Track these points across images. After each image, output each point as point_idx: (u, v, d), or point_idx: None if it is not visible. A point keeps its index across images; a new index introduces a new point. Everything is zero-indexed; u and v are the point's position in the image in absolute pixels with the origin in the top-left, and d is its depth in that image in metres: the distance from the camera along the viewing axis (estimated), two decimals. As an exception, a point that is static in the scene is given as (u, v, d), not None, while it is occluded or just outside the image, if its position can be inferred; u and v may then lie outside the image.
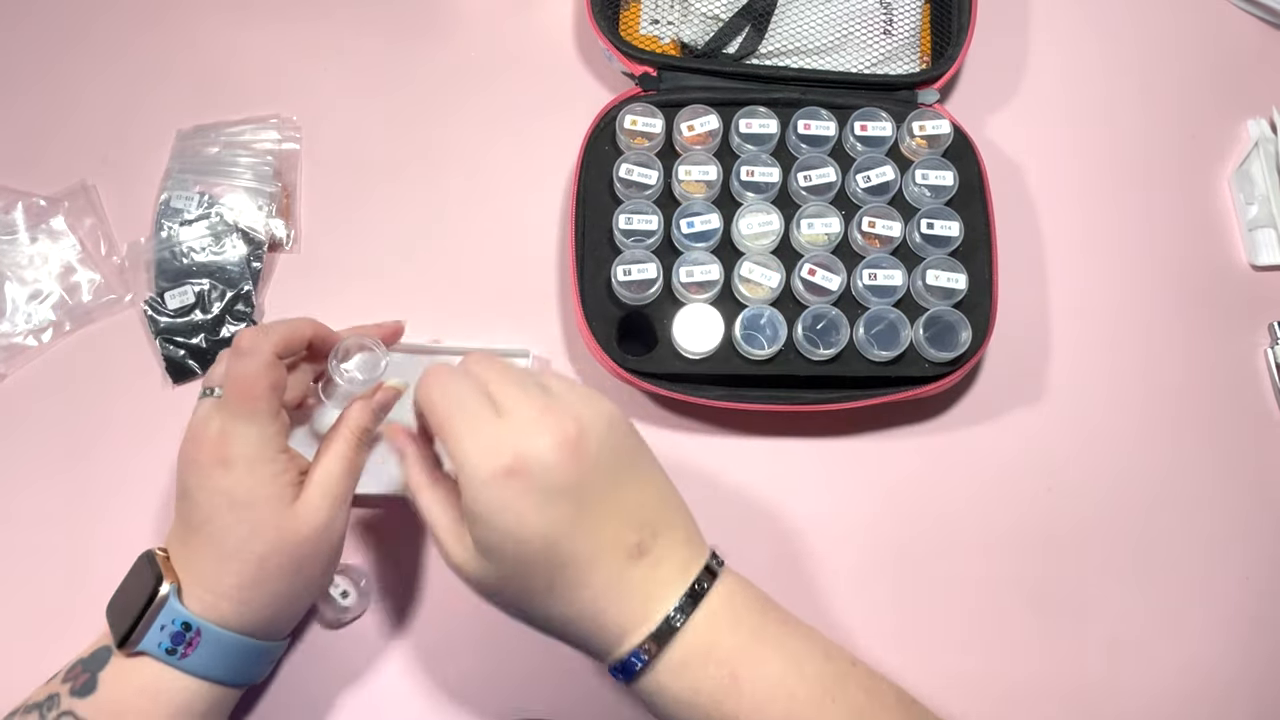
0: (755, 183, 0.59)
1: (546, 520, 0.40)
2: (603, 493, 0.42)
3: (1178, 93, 0.69)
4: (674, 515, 0.45)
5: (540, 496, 0.40)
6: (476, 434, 0.41)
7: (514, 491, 0.40)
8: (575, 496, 0.41)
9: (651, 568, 0.42)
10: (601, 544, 0.42)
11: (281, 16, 0.68)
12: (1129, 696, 0.56)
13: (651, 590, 0.42)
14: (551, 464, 0.40)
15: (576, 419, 0.41)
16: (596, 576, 0.42)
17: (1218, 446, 0.61)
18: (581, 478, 0.41)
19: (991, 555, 0.58)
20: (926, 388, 0.57)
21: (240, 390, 0.46)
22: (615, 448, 0.43)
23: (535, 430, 0.41)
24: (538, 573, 0.41)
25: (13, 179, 0.62)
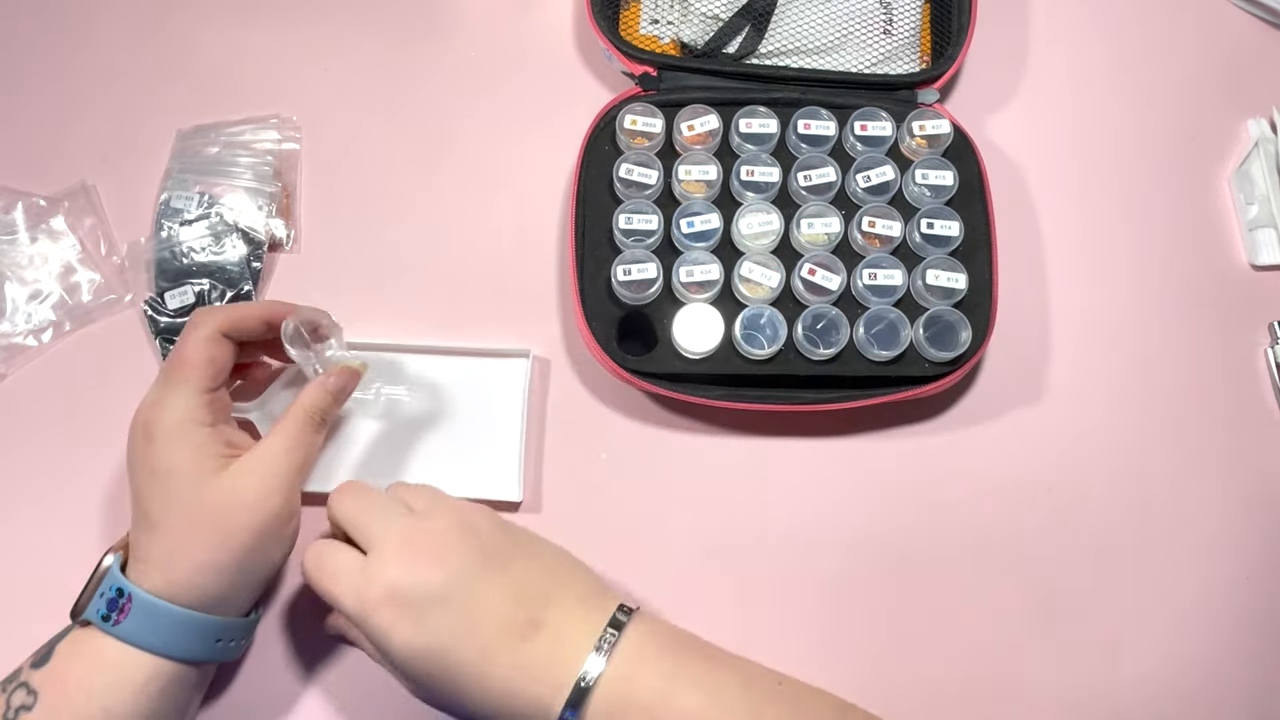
0: (755, 182, 0.59)
1: (429, 633, 0.43)
2: (476, 588, 0.44)
3: (1178, 93, 0.69)
4: (565, 579, 0.47)
5: (416, 613, 0.43)
6: (348, 583, 0.45)
7: (391, 616, 0.43)
8: (449, 603, 0.43)
9: (552, 637, 0.44)
10: (491, 635, 0.43)
11: (282, 17, 0.68)
12: (1129, 697, 0.56)
13: (559, 658, 0.43)
14: (416, 582, 0.43)
15: (432, 532, 0.45)
16: (499, 666, 0.43)
17: (1218, 446, 0.61)
18: (448, 584, 0.44)
19: (991, 555, 0.58)
20: (926, 388, 0.57)
21: (179, 361, 0.48)
22: (480, 544, 0.45)
23: (396, 558, 0.44)
24: (444, 679, 0.44)
25: (13, 179, 0.62)
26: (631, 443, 0.59)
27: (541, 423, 0.59)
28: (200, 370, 0.48)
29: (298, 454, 0.49)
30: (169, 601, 0.45)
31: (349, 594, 0.44)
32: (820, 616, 0.57)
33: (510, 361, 0.60)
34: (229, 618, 0.48)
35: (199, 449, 0.47)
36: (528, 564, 0.46)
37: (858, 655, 0.56)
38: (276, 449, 0.49)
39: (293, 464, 0.49)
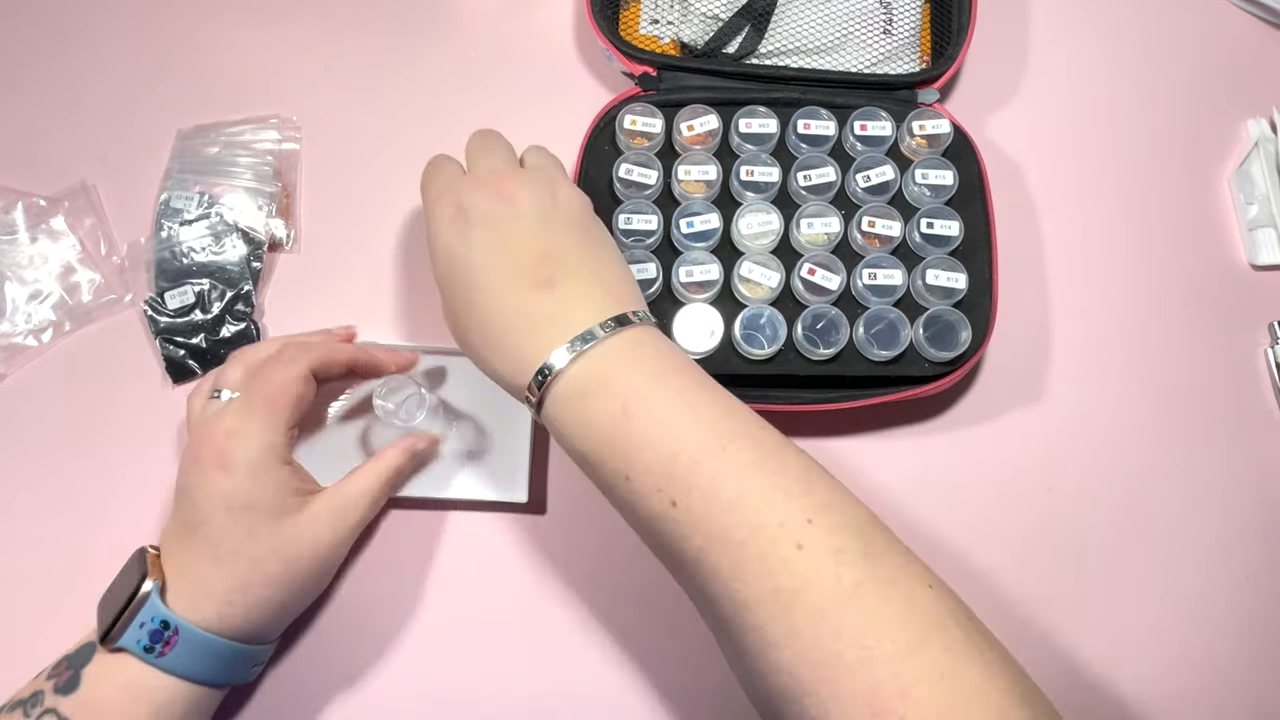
0: (755, 182, 0.59)
1: (465, 245, 0.46)
2: (523, 233, 0.46)
3: (1178, 93, 0.69)
4: (604, 270, 0.47)
5: (465, 224, 0.46)
6: (442, 179, 0.50)
7: (449, 215, 0.47)
8: (492, 230, 0.46)
9: (558, 302, 0.44)
10: (510, 272, 0.45)
11: (281, 16, 0.68)
12: (1129, 697, 0.56)
13: (557, 324, 0.44)
14: (479, 201, 0.47)
15: (520, 175, 0.49)
16: (504, 301, 0.45)
17: (1218, 446, 0.61)
18: (501, 217, 0.46)
19: (991, 555, 0.58)
20: (926, 388, 0.57)
21: (268, 395, 0.48)
22: (550, 206, 0.47)
23: (475, 179, 0.48)
24: (457, 291, 0.46)
25: (13, 179, 0.62)
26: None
27: (542, 423, 0.59)
28: (288, 408, 0.48)
29: (369, 509, 0.51)
30: (218, 634, 0.46)
31: (434, 186, 0.49)
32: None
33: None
34: (266, 645, 0.49)
35: (280, 486, 0.47)
36: (573, 236, 0.47)
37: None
38: (356, 497, 0.50)
39: (367, 514, 0.51)
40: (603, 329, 0.43)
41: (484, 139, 0.52)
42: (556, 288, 0.45)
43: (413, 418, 0.54)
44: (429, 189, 0.50)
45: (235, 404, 0.48)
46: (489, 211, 0.46)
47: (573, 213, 0.48)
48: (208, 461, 0.46)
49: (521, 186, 0.47)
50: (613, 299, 0.45)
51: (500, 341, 0.45)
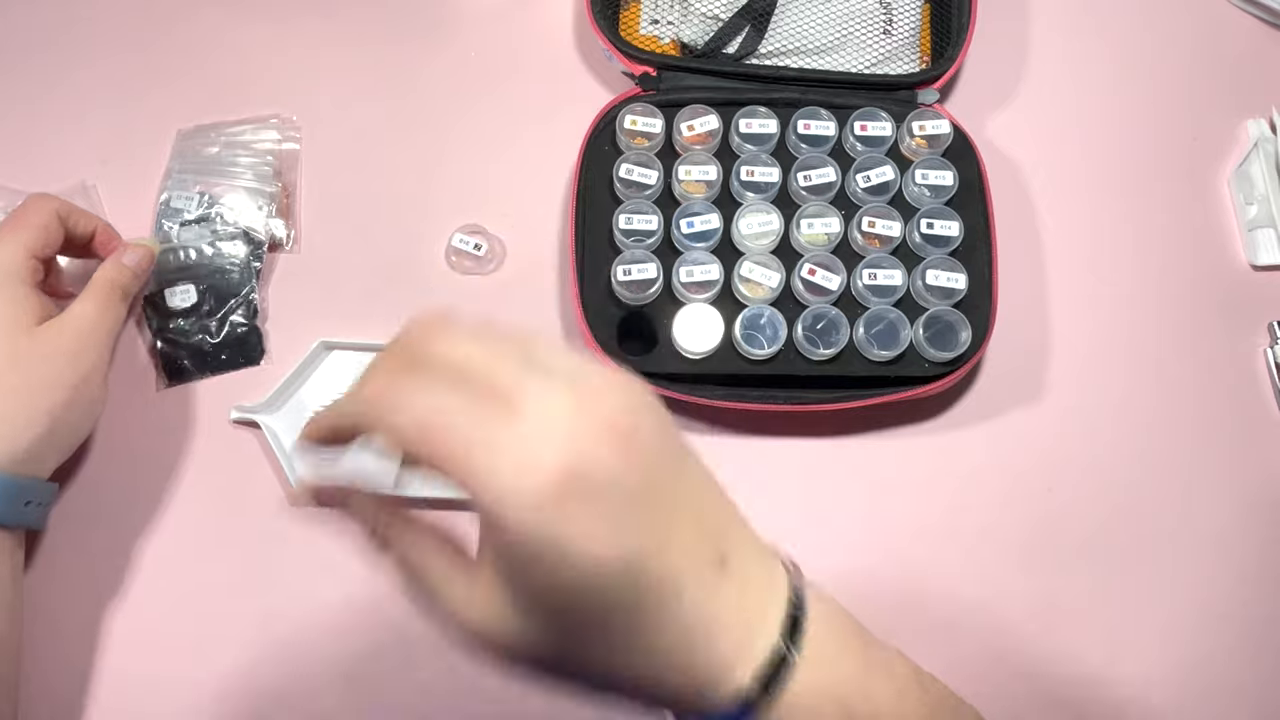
0: (755, 183, 0.59)
1: (629, 536, 0.30)
2: (671, 492, 0.31)
3: (1178, 93, 0.69)
4: (738, 514, 0.35)
5: (612, 508, 0.29)
6: (494, 449, 0.28)
7: (577, 510, 0.28)
8: (649, 500, 0.30)
9: (741, 585, 0.33)
10: (686, 556, 0.31)
11: (282, 16, 0.68)
12: (1128, 697, 0.56)
13: (747, 613, 0.33)
14: (615, 464, 0.29)
15: (616, 403, 0.30)
16: (685, 601, 0.31)
17: (1218, 446, 0.61)
18: (648, 476, 0.30)
19: (991, 555, 0.58)
20: (926, 388, 0.57)
21: (11, 217, 0.52)
22: (665, 434, 0.32)
23: (576, 424, 0.29)
24: (616, 612, 0.30)
25: (13, 179, 0.62)
26: (631, 443, 0.59)
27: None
28: (34, 231, 0.51)
29: (108, 319, 0.52)
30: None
31: (499, 465, 0.28)
32: (820, 616, 0.57)
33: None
34: (35, 479, 0.50)
35: (18, 302, 0.49)
36: (703, 480, 0.34)
37: (858, 655, 0.56)
38: (89, 311, 0.51)
39: (104, 327, 0.52)
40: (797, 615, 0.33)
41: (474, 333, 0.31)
42: (731, 566, 0.33)
43: None
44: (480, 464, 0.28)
45: None
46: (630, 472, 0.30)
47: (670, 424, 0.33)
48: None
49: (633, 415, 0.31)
50: (767, 556, 0.35)
51: (679, 659, 0.32)
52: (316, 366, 0.59)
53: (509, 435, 0.28)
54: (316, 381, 0.59)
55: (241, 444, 0.58)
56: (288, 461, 0.57)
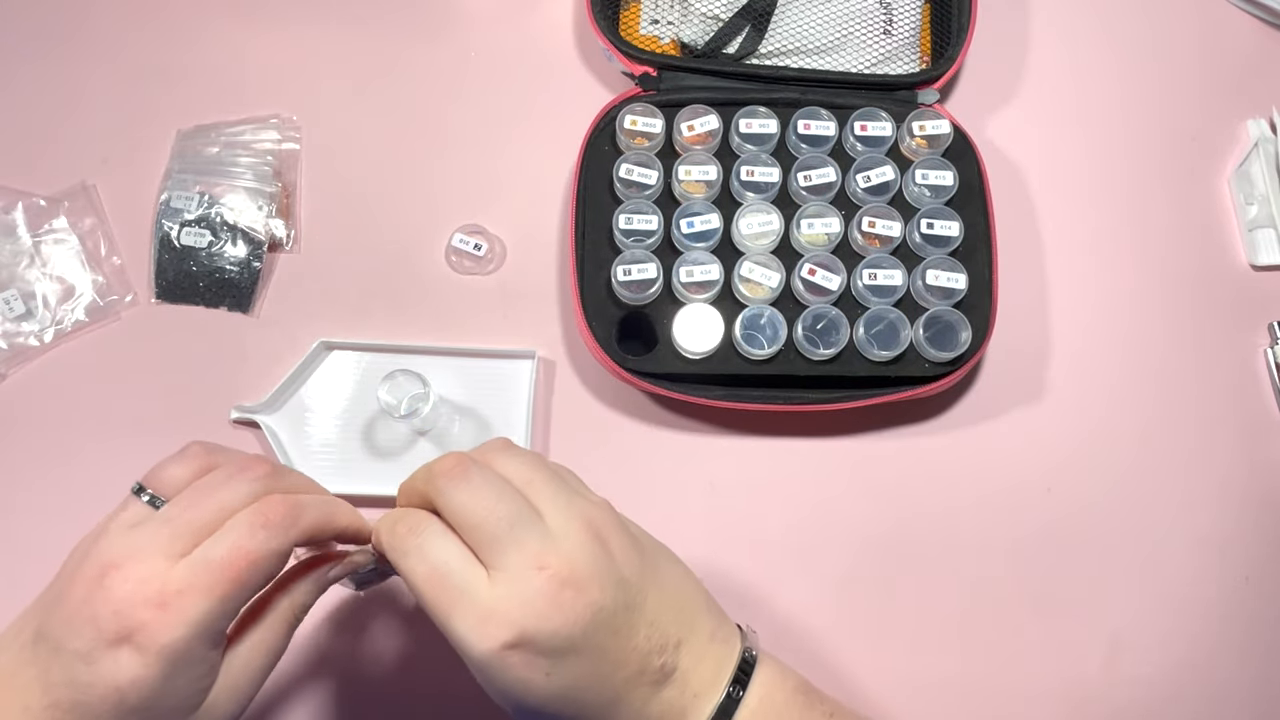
0: (755, 183, 0.59)
1: (557, 684, 0.37)
2: (613, 634, 0.38)
3: (1178, 93, 0.69)
4: (695, 613, 0.42)
5: (548, 662, 0.37)
6: (466, 610, 0.36)
7: (518, 664, 0.36)
8: (586, 648, 0.37)
9: (679, 688, 0.39)
10: (622, 683, 0.38)
11: (282, 16, 0.68)
12: (1128, 697, 0.56)
13: (685, 710, 0.39)
14: (555, 629, 0.36)
15: (569, 562, 0.37)
16: (625, 712, 0.39)
17: (1217, 446, 0.61)
18: (586, 633, 0.37)
19: (991, 555, 0.58)
20: (926, 388, 0.57)
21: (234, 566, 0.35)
22: (615, 574, 0.38)
23: (530, 593, 0.36)
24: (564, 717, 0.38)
25: (13, 179, 0.62)
26: (631, 443, 0.59)
27: (546, 424, 0.59)
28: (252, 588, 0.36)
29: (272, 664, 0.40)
30: None
31: (466, 625, 0.36)
32: (820, 615, 0.57)
33: (516, 363, 0.60)
34: None
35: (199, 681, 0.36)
36: (659, 596, 0.40)
37: (858, 653, 0.56)
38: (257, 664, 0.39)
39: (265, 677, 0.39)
40: (729, 705, 0.40)
41: (473, 491, 0.38)
42: (673, 673, 0.39)
43: (417, 413, 0.54)
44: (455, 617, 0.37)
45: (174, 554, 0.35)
46: (562, 637, 0.37)
47: (631, 556, 0.40)
48: (109, 629, 0.33)
49: (579, 577, 0.37)
50: (720, 642, 0.41)
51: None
52: (316, 366, 0.59)
53: (483, 597, 0.36)
54: (316, 381, 0.59)
55: (242, 444, 0.58)
56: (288, 461, 0.57)
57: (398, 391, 0.54)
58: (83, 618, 0.34)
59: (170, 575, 0.35)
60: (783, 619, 0.57)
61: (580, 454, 0.59)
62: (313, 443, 0.58)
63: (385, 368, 0.58)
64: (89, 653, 0.34)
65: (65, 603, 0.35)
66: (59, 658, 0.35)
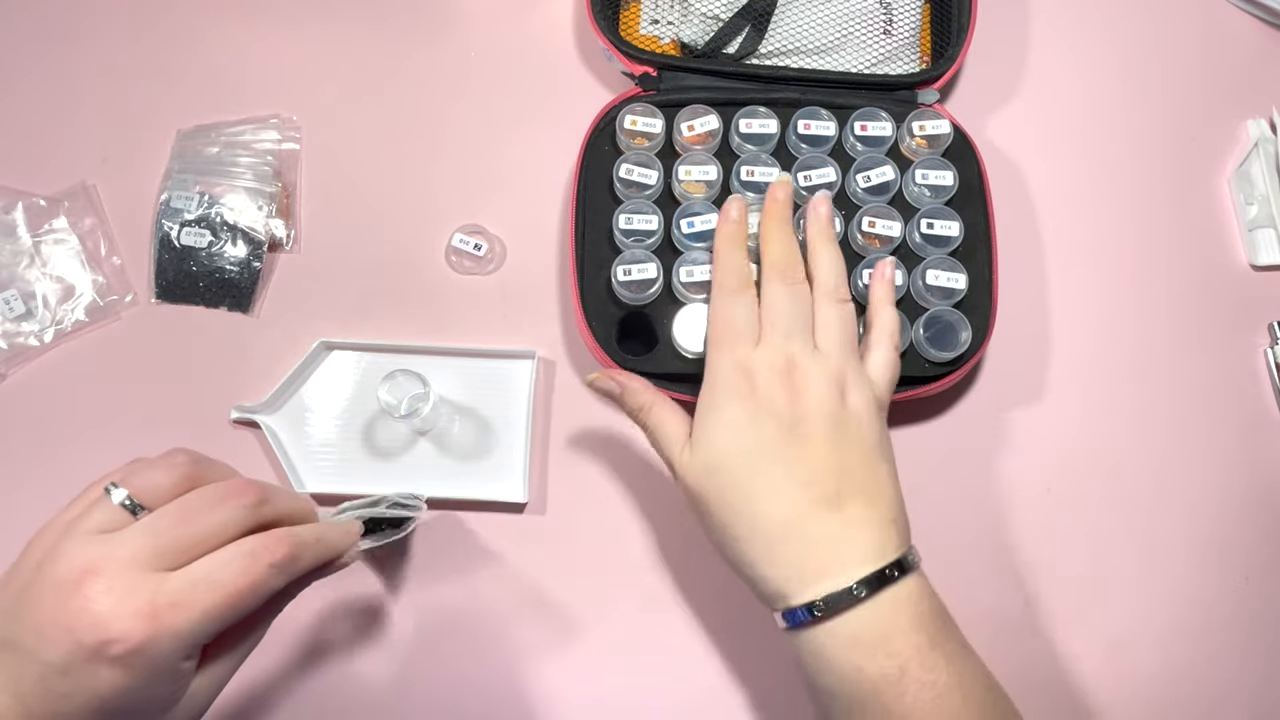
0: (755, 183, 0.59)
1: (753, 429, 0.45)
2: (816, 440, 0.45)
3: (1178, 93, 0.69)
4: (885, 494, 0.46)
5: (755, 406, 0.45)
6: (734, 351, 0.47)
7: (740, 388, 0.46)
8: (786, 428, 0.45)
9: (844, 525, 0.44)
10: (797, 478, 0.44)
11: (282, 17, 0.68)
12: (1128, 697, 0.56)
13: (840, 547, 0.43)
14: (773, 393, 0.46)
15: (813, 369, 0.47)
16: (786, 508, 0.44)
17: (1218, 446, 0.61)
18: (796, 415, 0.45)
19: (991, 555, 0.58)
20: (926, 388, 0.57)
21: (233, 595, 0.35)
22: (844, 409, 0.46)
23: (773, 365, 0.46)
24: (736, 475, 0.45)
25: (13, 179, 0.62)
26: (632, 443, 0.59)
27: (546, 424, 0.59)
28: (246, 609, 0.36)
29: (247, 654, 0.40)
30: None
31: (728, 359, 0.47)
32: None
33: (516, 363, 0.60)
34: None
35: (179, 681, 0.36)
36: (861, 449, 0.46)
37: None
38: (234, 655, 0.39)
39: (233, 672, 0.40)
40: (890, 573, 0.43)
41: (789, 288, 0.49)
42: (844, 509, 0.44)
43: (417, 413, 0.54)
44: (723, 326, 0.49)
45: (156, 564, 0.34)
46: (781, 405, 0.46)
47: (862, 422, 0.47)
48: (89, 640, 0.33)
49: (812, 382, 0.46)
50: (895, 531, 0.45)
51: (772, 550, 0.44)
52: (316, 366, 0.59)
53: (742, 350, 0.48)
54: (316, 381, 0.59)
55: (242, 444, 0.58)
56: (288, 461, 0.57)
57: (398, 391, 0.54)
58: (59, 628, 0.33)
59: (162, 588, 0.34)
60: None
61: (580, 454, 0.59)
62: (313, 443, 0.58)
63: (385, 368, 0.58)
64: (66, 665, 0.33)
65: (35, 610, 0.34)
66: (31, 668, 0.34)
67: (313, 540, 0.39)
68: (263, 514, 0.38)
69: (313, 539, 0.39)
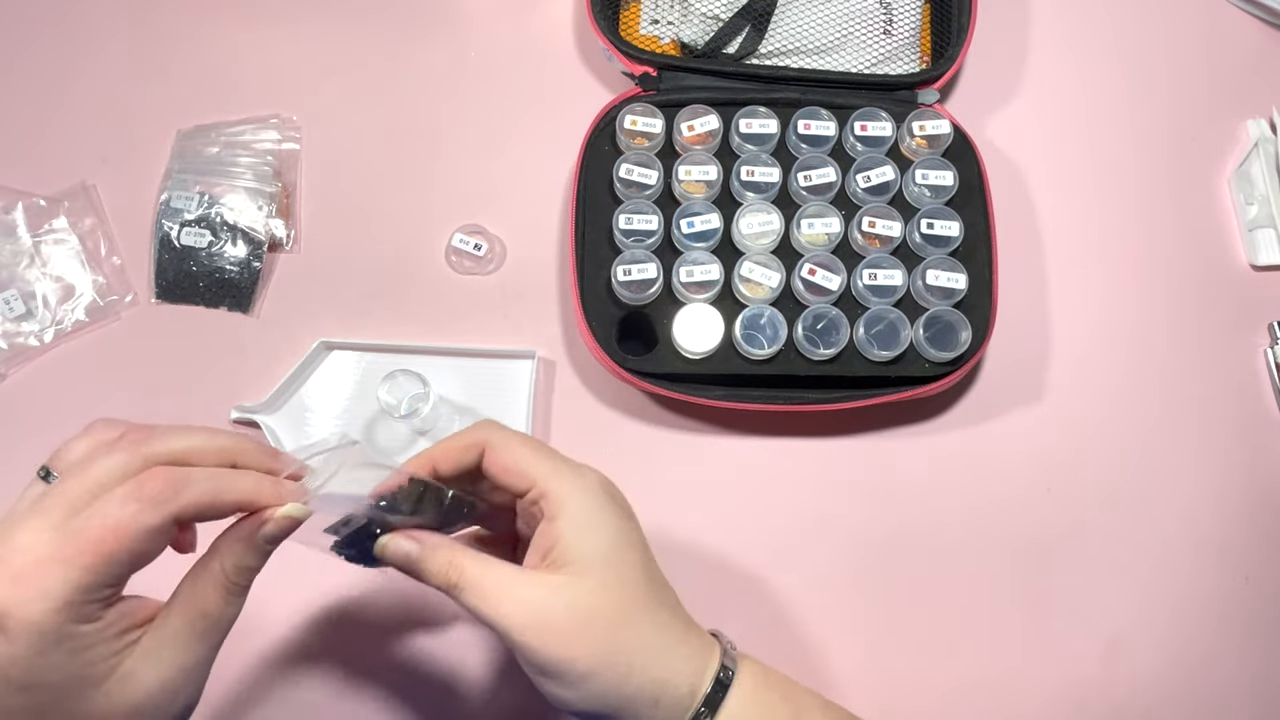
0: (755, 183, 0.59)
1: (637, 529, 0.43)
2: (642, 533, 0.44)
3: (1178, 93, 0.69)
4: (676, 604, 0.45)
5: (626, 511, 0.43)
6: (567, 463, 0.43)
7: (611, 503, 0.42)
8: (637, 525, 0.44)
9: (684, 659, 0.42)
10: (660, 572, 0.43)
11: (282, 17, 0.68)
12: (1128, 697, 0.56)
13: (696, 628, 0.43)
14: (620, 493, 0.44)
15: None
16: (670, 599, 0.43)
17: (1217, 446, 0.61)
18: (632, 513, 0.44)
19: (991, 555, 0.58)
20: (926, 388, 0.57)
21: (96, 538, 0.33)
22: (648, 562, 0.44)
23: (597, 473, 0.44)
24: (639, 577, 0.41)
25: (13, 179, 0.62)
26: (631, 443, 0.59)
27: (546, 424, 0.59)
28: (121, 563, 0.34)
29: (212, 635, 0.37)
30: None
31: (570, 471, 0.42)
32: (820, 615, 0.57)
33: (516, 363, 0.60)
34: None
35: (78, 658, 0.34)
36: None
37: (858, 653, 0.56)
38: (184, 632, 0.37)
39: (205, 650, 0.37)
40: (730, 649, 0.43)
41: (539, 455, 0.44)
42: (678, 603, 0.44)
43: (417, 413, 0.54)
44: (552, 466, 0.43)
45: (43, 528, 0.33)
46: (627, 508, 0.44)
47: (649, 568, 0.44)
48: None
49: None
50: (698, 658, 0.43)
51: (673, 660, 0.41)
52: (316, 366, 0.59)
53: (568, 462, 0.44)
54: (316, 381, 0.59)
55: (241, 444, 0.58)
56: (288, 461, 0.57)
57: (398, 391, 0.54)
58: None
59: (33, 548, 0.33)
60: (782, 618, 0.57)
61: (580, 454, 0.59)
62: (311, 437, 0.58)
63: (385, 368, 0.58)
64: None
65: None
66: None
67: (202, 477, 0.36)
68: (148, 453, 0.36)
69: (202, 476, 0.36)
